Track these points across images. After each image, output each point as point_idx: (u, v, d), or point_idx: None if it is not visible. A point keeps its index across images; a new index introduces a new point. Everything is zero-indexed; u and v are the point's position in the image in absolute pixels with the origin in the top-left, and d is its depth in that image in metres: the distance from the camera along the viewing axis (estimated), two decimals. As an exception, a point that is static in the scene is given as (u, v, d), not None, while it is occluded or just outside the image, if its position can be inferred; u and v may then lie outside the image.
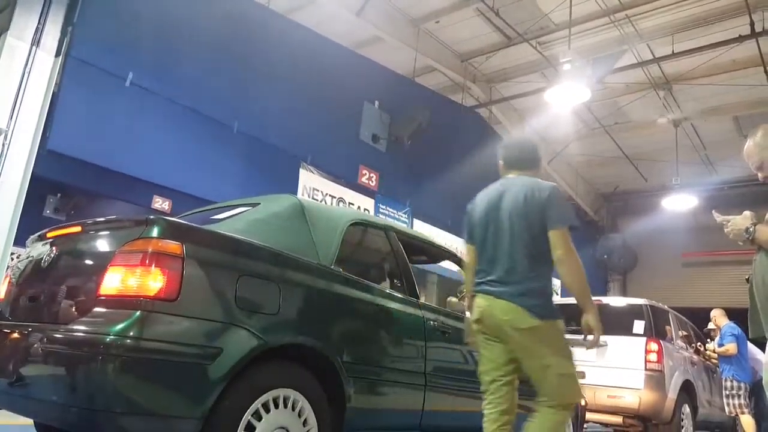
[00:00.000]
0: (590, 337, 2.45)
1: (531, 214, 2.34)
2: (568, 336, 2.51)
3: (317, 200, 7.68)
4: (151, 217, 2.12)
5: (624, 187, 15.13)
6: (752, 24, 8.21)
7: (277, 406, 2.20)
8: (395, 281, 3.29)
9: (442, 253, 4.02)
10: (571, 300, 2.57)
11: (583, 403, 4.52)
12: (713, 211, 2.31)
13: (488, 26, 9.77)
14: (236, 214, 2.80)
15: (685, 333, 7.17)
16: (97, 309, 1.97)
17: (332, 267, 2.69)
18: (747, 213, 2.19)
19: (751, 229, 2.11)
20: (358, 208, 8.27)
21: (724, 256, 13.15)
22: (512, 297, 2.30)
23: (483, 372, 2.44)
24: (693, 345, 7.16)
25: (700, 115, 11.64)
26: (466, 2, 9.22)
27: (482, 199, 2.54)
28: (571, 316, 2.71)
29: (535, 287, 2.34)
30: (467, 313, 2.59)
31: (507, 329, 2.31)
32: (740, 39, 8.52)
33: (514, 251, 2.35)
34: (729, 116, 11.48)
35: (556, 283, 3.12)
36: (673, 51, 9.28)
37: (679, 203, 12.48)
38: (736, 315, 7.72)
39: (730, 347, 6.75)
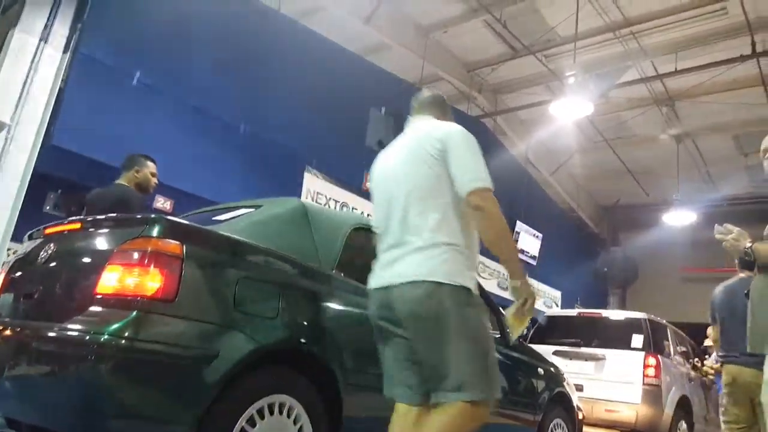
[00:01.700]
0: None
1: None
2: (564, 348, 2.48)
3: (321, 204, 7.67)
4: (152, 215, 2.11)
5: (625, 200, 15.13)
6: (753, 44, 8.30)
7: (272, 412, 2.17)
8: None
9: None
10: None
11: (580, 416, 4.50)
12: (716, 226, 2.31)
13: (495, 37, 9.81)
14: (238, 216, 2.78)
15: (682, 348, 7.15)
16: (93, 308, 1.94)
17: (334, 272, 2.68)
18: (743, 232, 2.20)
19: (749, 249, 2.11)
20: (362, 213, 8.27)
21: (723, 272, 13.10)
22: None
23: None
24: (691, 360, 7.14)
25: (701, 132, 11.68)
26: (474, 13, 9.26)
27: None
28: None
29: None
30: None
31: None
32: (741, 59, 8.60)
33: None
34: (729, 134, 11.52)
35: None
36: (676, 68, 9.33)
37: (680, 218, 12.49)
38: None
39: None
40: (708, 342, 7.51)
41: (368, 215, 8.40)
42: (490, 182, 1.99)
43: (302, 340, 2.34)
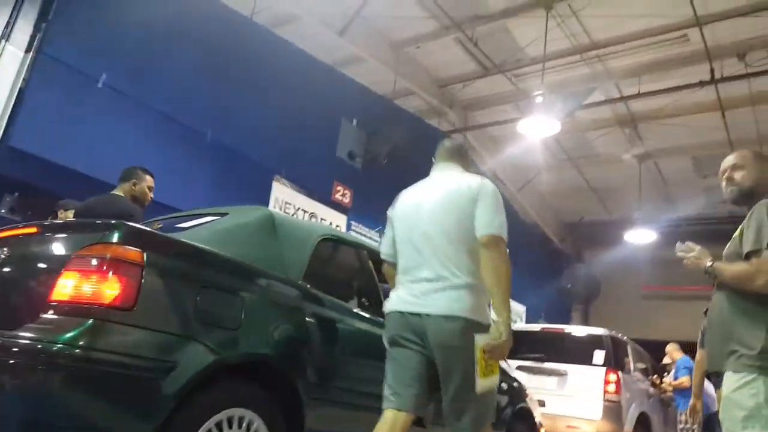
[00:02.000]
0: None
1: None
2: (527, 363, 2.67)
3: (289, 214, 7.60)
4: (112, 221, 2.05)
5: (589, 218, 15.45)
6: (712, 71, 8.66)
7: (231, 426, 2.12)
8: (363, 300, 3.26)
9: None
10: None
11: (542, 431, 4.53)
12: (677, 243, 2.35)
13: (466, 55, 9.96)
14: (202, 224, 2.73)
15: (642, 365, 7.28)
16: (47, 315, 1.87)
17: (300, 282, 2.64)
18: (705, 251, 2.24)
19: (710, 268, 2.16)
20: (331, 224, 8.22)
21: (683, 291, 13.46)
22: None
23: None
24: (650, 377, 7.28)
25: (662, 153, 12.05)
26: (446, 31, 9.39)
27: None
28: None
29: None
30: None
31: None
32: (701, 84, 8.95)
33: None
34: (689, 156, 11.92)
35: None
36: (639, 91, 9.64)
37: (641, 237, 12.79)
38: (692, 349, 7.90)
39: (684, 380, 6.89)
40: (666, 359, 7.68)
41: (337, 226, 8.39)
42: (505, 233, 2.32)
43: (264, 353, 2.29)
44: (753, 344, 1.96)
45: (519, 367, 6.28)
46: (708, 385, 7.06)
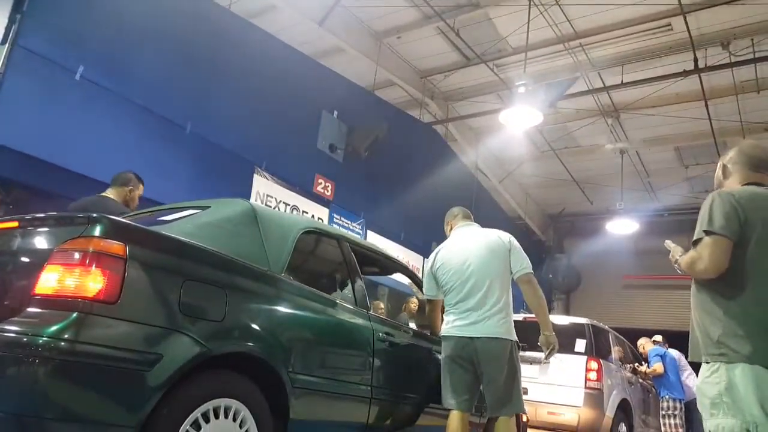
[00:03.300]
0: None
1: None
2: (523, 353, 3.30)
3: (270, 207, 7.58)
4: (94, 215, 2.04)
5: (571, 209, 15.59)
6: (696, 60, 8.66)
7: (217, 416, 2.14)
8: (346, 291, 3.28)
9: (394, 266, 4.03)
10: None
11: (525, 419, 4.60)
12: (666, 241, 2.41)
13: (448, 45, 9.96)
14: (185, 217, 2.72)
15: (623, 353, 7.41)
16: (31, 309, 1.86)
17: (282, 275, 2.65)
18: (678, 247, 2.30)
19: (676, 261, 2.23)
20: (313, 216, 8.21)
21: (662, 279, 13.70)
22: None
23: None
24: (631, 365, 7.43)
25: (644, 144, 12.15)
26: (428, 20, 9.37)
27: None
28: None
29: None
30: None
31: None
32: (684, 74, 8.98)
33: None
34: (671, 146, 12.03)
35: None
36: (622, 81, 9.69)
37: (622, 227, 12.94)
38: (673, 336, 8.08)
39: (657, 366, 7.20)
40: (642, 349, 7.88)
41: (319, 218, 8.38)
42: (532, 268, 3.37)
43: (249, 344, 2.31)
44: (712, 333, 2.01)
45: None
46: (691, 373, 7.24)
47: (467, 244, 3.39)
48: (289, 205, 8.11)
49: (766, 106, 10.08)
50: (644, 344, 7.86)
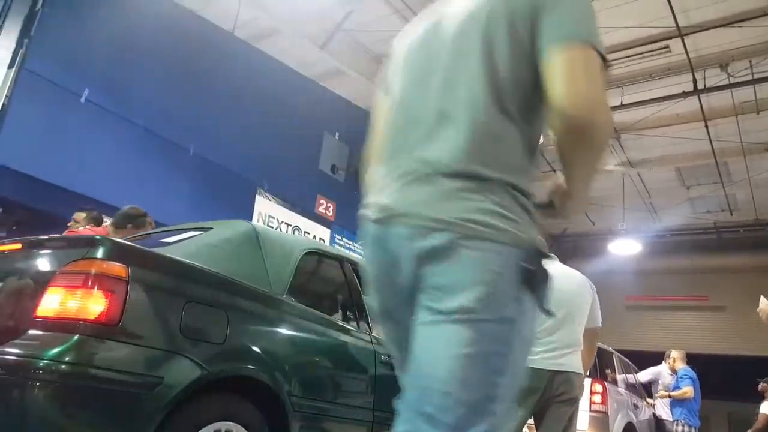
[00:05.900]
0: None
1: None
2: None
3: (272, 227, 7.59)
4: (96, 237, 2.05)
5: (573, 229, 15.55)
6: (695, 81, 8.74)
7: (218, 439, 2.13)
8: (348, 313, 3.27)
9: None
10: None
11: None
12: (761, 297, 2.40)
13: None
14: (187, 238, 2.73)
15: (628, 375, 7.32)
16: (32, 331, 1.86)
17: (284, 296, 2.65)
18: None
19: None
20: (314, 237, 8.22)
21: (664, 300, 13.61)
22: None
23: None
24: (646, 402, 7.18)
25: (645, 164, 12.17)
26: (428, 44, 9.47)
27: None
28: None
29: None
30: None
31: None
32: (684, 95, 9.05)
33: None
34: (672, 167, 12.05)
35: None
36: (621, 102, 9.75)
37: (625, 248, 12.89)
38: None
39: (688, 390, 6.69)
40: (668, 364, 7.54)
41: (321, 239, 8.37)
42: None
43: (250, 367, 2.30)
44: None
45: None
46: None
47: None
48: (291, 225, 8.12)
49: (765, 127, 10.12)
50: (676, 358, 7.16)
